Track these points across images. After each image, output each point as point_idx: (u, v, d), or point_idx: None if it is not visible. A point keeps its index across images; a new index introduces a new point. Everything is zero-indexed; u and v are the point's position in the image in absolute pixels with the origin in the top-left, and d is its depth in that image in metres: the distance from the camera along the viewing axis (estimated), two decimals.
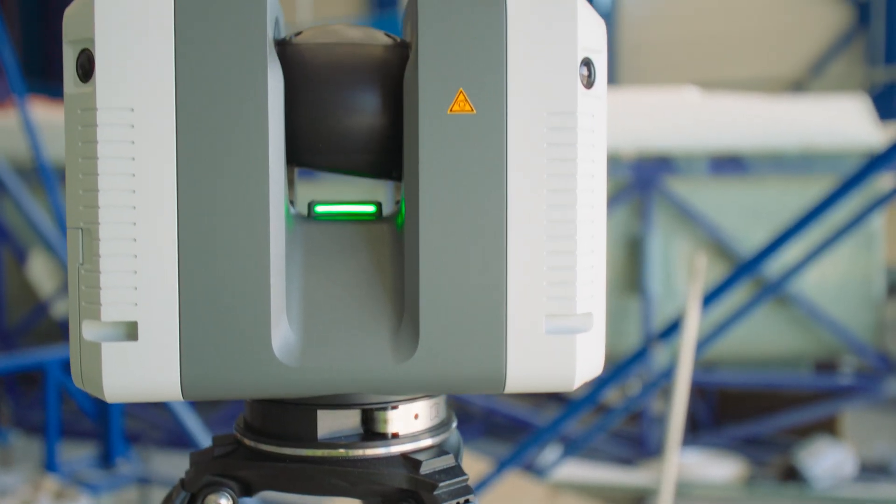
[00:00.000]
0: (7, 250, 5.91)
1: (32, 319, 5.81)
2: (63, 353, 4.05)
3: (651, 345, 2.68)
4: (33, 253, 5.76)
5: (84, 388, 0.52)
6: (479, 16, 0.52)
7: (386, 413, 0.56)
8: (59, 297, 5.63)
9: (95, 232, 0.50)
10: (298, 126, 0.55)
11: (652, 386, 3.27)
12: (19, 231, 5.80)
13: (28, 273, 5.80)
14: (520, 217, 0.53)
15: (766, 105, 5.02)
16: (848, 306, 4.55)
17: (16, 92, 4.04)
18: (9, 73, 4.01)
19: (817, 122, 4.66)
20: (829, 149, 4.50)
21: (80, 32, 0.51)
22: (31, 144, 4.03)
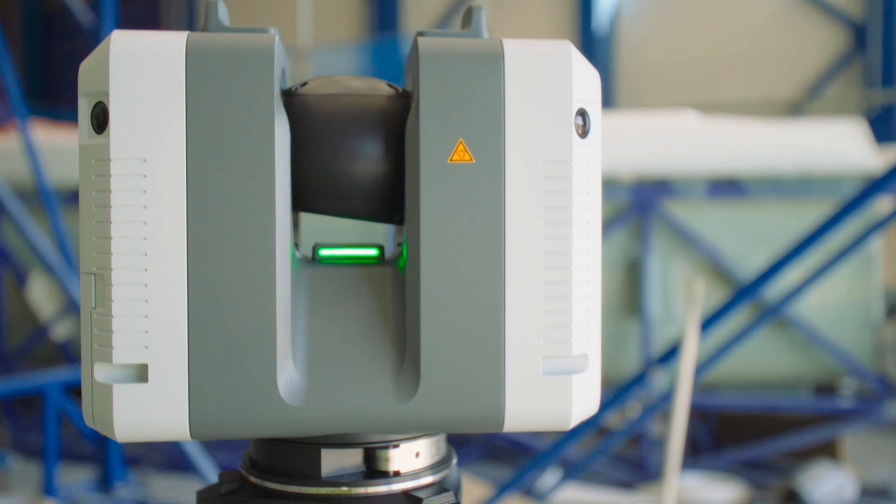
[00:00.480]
0: (7, 272, 5.91)
1: (32, 342, 5.80)
2: (62, 376, 4.05)
3: (650, 370, 2.69)
4: (33, 275, 5.76)
5: (95, 428, 0.54)
6: (478, 69, 0.54)
7: (388, 452, 0.58)
8: (58, 320, 5.63)
9: (108, 277, 0.52)
10: (304, 173, 0.57)
11: (652, 409, 3.28)
12: (19, 253, 5.80)
13: (28, 295, 5.80)
14: (517, 262, 0.54)
15: (764, 129, 5.05)
16: (847, 329, 4.55)
17: (18, 115, 4.06)
18: (11, 96, 4.04)
19: (814, 145, 4.69)
20: (827, 172, 4.53)
21: (95, 86, 0.53)
22: (33, 167, 4.05)
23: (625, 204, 4.65)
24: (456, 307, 0.54)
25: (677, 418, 2.47)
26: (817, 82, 10.63)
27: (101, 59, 0.53)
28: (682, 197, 4.65)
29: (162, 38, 0.53)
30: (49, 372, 4.40)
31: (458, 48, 0.54)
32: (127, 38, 0.52)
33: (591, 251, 0.57)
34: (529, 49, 0.55)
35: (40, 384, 4.02)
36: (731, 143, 4.84)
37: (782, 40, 10.87)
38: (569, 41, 0.55)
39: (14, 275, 5.85)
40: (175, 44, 0.52)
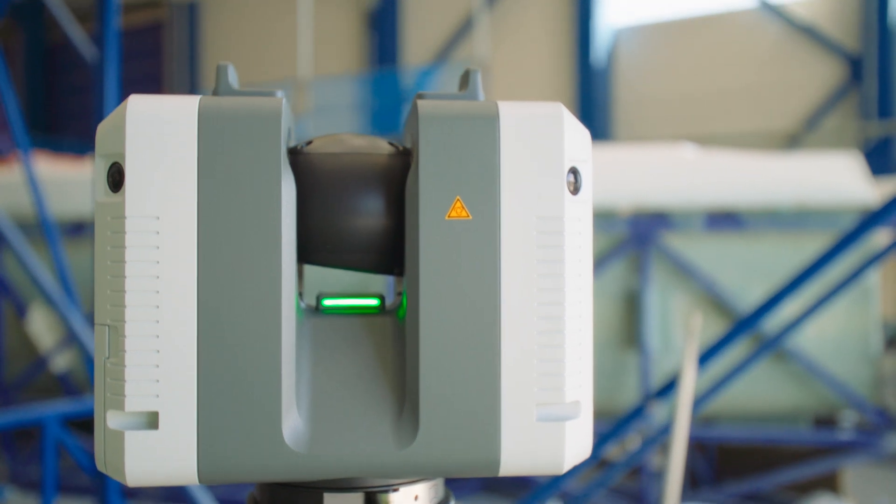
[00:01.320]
0: (7, 304, 5.92)
1: (31, 373, 5.80)
2: (61, 408, 4.05)
3: (648, 403, 2.70)
4: (33, 307, 5.77)
5: (107, 473, 0.56)
6: (474, 130, 0.57)
7: (388, 496, 0.60)
8: (57, 351, 5.63)
9: (121, 329, 0.54)
10: (309, 227, 0.60)
11: (651, 442, 3.28)
12: (19, 285, 5.81)
13: (27, 327, 5.80)
14: (512, 314, 0.57)
15: (761, 162, 5.09)
16: (846, 361, 4.56)
17: (20, 147, 4.09)
18: (13, 128, 4.07)
19: (811, 178, 4.72)
20: (824, 205, 4.56)
21: (111, 147, 0.55)
22: (35, 199, 4.07)
23: (623, 236, 4.68)
24: (453, 356, 0.57)
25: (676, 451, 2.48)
26: (814, 115, 10.71)
27: (117, 122, 0.55)
28: (680, 229, 4.68)
29: (176, 102, 0.55)
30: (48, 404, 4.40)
31: (455, 110, 0.57)
32: (142, 102, 0.55)
33: (583, 301, 0.59)
34: (523, 111, 0.57)
35: (39, 416, 4.02)
36: (728, 175, 4.87)
37: (779, 73, 10.96)
38: (561, 103, 0.58)
39: (14, 306, 5.86)
40: (188, 108, 0.55)
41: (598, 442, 2.83)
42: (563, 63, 12.06)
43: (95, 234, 0.55)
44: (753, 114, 11.03)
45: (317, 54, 12.04)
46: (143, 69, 15.47)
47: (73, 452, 4.08)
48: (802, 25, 10.74)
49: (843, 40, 10.59)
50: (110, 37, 3.88)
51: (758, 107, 11.03)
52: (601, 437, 2.82)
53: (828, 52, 10.70)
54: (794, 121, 10.88)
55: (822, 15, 10.74)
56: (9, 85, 4.02)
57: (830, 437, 4.63)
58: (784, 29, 10.93)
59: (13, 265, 5.81)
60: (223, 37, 15.07)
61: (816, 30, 10.67)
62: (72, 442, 4.07)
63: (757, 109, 11.03)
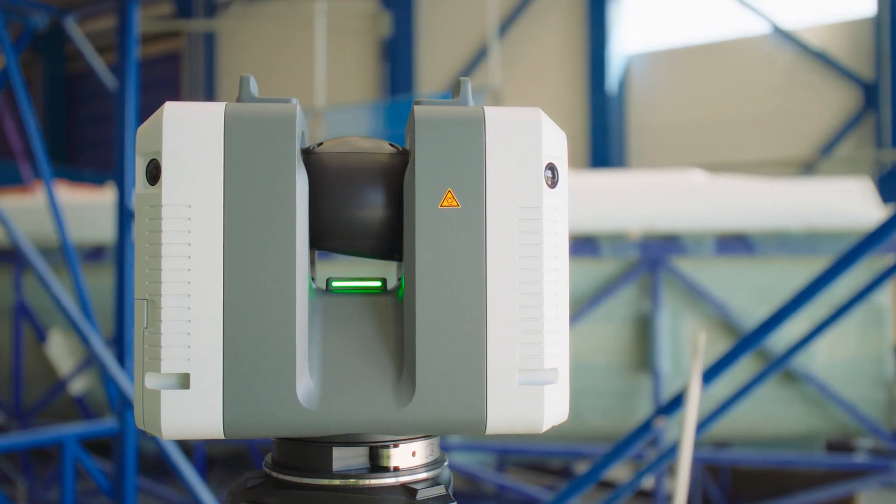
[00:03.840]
0: (27, 329, 6.03)
1: (49, 397, 5.88)
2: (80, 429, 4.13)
3: (655, 419, 2.75)
4: (52, 332, 5.87)
5: (145, 429, 0.65)
6: (463, 131, 0.66)
7: (389, 450, 0.69)
8: (75, 375, 5.72)
9: (158, 302, 0.63)
10: (320, 218, 0.68)
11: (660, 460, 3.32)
12: (39, 310, 5.92)
13: (47, 351, 5.90)
14: (497, 291, 0.66)
15: (771, 186, 5.14)
16: (859, 385, 4.57)
17: (43, 176, 4.22)
18: (36, 158, 4.19)
19: (821, 203, 4.76)
20: (834, 230, 4.59)
21: (150, 146, 0.65)
22: (57, 226, 4.18)
23: (634, 260, 4.73)
24: (446, 329, 0.65)
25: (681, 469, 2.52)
26: (828, 143, 10.71)
27: (155, 124, 0.65)
28: (690, 253, 4.73)
29: (205, 107, 0.65)
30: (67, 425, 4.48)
31: (447, 114, 0.66)
32: (177, 108, 0.64)
33: (560, 281, 0.68)
34: (506, 115, 0.67)
35: (59, 437, 4.10)
36: (739, 200, 4.92)
37: (793, 100, 10.97)
38: (539, 108, 0.66)
39: (34, 331, 5.96)
40: (216, 112, 0.64)
41: (603, 461, 2.88)
42: (576, 90, 12.16)
43: (135, 221, 0.64)
44: (767, 141, 11.03)
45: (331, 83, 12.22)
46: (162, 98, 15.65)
47: (92, 473, 4.15)
48: (816, 52, 10.76)
49: (856, 67, 10.60)
50: (130, 67, 4.00)
51: (771, 134, 11.03)
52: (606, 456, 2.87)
53: (841, 78, 10.70)
54: (807, 148, 10.87)
55: (835, 42, 10.76)
56: (32, 116, 4.16)
57: (845, 461, 4.63)
58: (797, 55, 10.95)
59: (32, 291, 5.92)
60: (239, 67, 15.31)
61: (830, 56, 10.69)
62: (90, 463, 4.15)
63: (770, 137, 11.03)
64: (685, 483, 2.60)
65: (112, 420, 4.04)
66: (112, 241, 5.48)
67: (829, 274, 2.50)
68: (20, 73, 4.13)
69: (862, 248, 2.49)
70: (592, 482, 2.92)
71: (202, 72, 15.60)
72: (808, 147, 10.87)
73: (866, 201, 4.77)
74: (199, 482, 3.43)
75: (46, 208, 5.52)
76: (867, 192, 4.85)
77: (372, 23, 13.84)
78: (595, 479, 2.88)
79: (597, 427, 4.82)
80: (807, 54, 10.88)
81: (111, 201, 5.78)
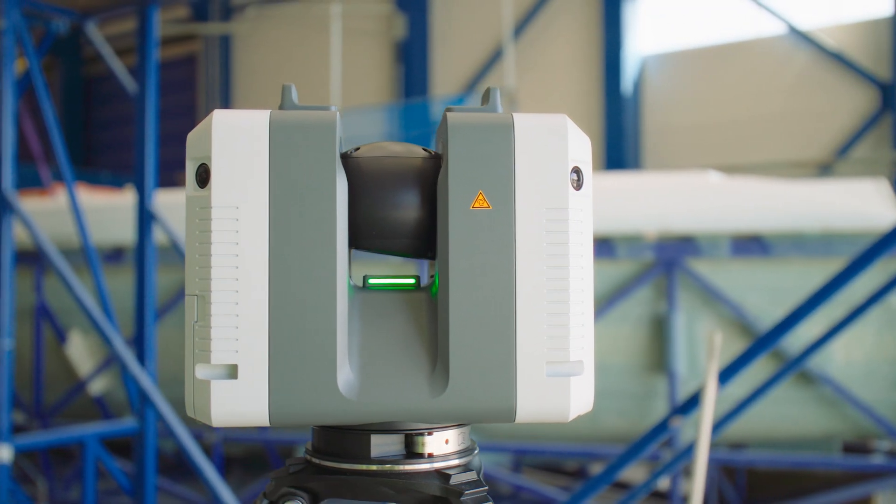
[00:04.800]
0: (48, 329, 6.09)
1: (69, 398, 5.94)
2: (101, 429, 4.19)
3: (671, 419, 2.77)
4: (72, 333, 5.93)
5: (195, 417, 0.69)
6: (494, 136, 0.70)
7: (423, 438, 0.73)
8: (95, 376, 5.78)
9: (208, 297, 0.67)
10: (357, 218, 0.72)
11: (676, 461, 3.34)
12: (59, 311, 5.99)
13: (67, 352, 5.96)
14: (525, 287, 0.69)
15: (787, 188, 5.14)
16: (876, 387, 4.56)
17: (65, 179, 4.27)
18: (59, 161, 4.25)
19: (837, 204, 4.76)
20: (850, 231, 4.59)
21: (199, 151, 0.69)
22: (79, 229, 4.24)
23: (650, 261, 4.74)
24: (477, 323, 0.69)
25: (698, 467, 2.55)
26: (844, 143, 10.67)
27: (205, 131, 0.69)
28: (706, 255, 4.74)
29: (251, 115, 0.69)
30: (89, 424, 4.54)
31: (478, 120, 0.70)
32: (225, 116, 0.68)
33: (585, 278, 0.71)
34: (533, 121, 0.71)
35: (80, 436, 4.16)
36: (754, 201, 4.93)
37: (809, 101, 10.93)
38: (565, 115, 0.70)
39: (54, 332, 6.03)
40: (261, 120, 0.69)
41: (619, 461, 2.90)
42: (591, 91, 12.16)
43: (186, 222, 0.68)
44: (782, 142, 11.00)
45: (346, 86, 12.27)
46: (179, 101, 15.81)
47: (112, 472, 4.21)
48: (832, 52, 10.72)
49: (873, 68, 10.55)
50: (150, 70, 4.06)
51: (787, 135, 11.00)
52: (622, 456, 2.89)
53: (858, 79, 10.65)
54: (823, 150, 10.83)
55: (852, 42, 10.71)
56: (55, 120, 4.22)
57: (862, 463, 4.63)
58: (814, 56, 10.91)
59: (53, 292, 5.99)
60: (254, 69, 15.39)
61: (846, 57, 10.65)
62: (110, 462, 4.21)
63: (786, 138, 11.00)
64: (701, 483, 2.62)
65: (132, 419, 4.09)
66: (131, 243, 5.55)
67: (845, 275, 2.52)
68: (44, 78, 4.19)
69: (878, 249, 2.51)
70: (608, 483, 2.94)
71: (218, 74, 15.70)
72: (825, 148, 10.83)
73: (883, 202, 4.77)
74: (220, 481, 3.48)
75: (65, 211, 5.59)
76: (884, 193, 4.84)
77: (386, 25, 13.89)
78: (611, 479, 2.90)
79: (612, 428, 4.84)
80: (823, 55, 10.84)
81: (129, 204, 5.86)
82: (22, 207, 3.76)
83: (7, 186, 3.72)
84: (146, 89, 4.05)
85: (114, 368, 5.76)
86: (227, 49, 15.67)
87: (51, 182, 7.43)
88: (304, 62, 14.41)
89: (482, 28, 12.87)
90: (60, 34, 4.31)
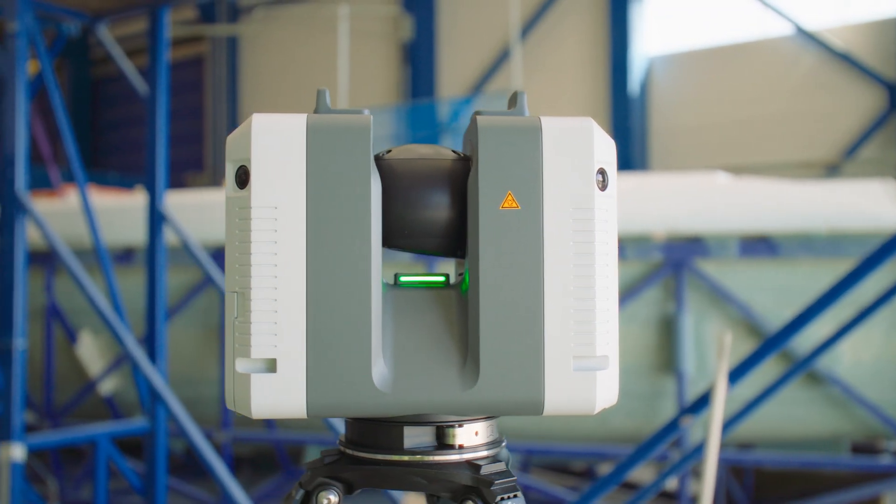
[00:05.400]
0: (58, 330, 6.12)
1: (79, 398, 5.97)
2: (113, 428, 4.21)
3: (681, 418, 2.79)
4: (83, 333, 5.96)
5: (235, 409, 0.71)
6: (522, 139, 0.72)
7: (454, 430, 0.76)
8: (105, 376, 5.81)
9: (248, 294, 0.70)
10: (390, 218, 0.75)
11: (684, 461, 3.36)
12: (70, 312, 6.02)
13: (77, 352, 5.99)
14: (553, 285, 0.72)
15: (795, 188, 5.15)
16: (884, 387, 4.57)
17: (77, 181, 4.30)
18: (71, 163, 4.28)
19: (845, 204, 4.77)
20: (858, 231, 4.59)
21: (239, 154, 0.71)
22: (91, 229, 4.27)
23: (658, 262, 4.76)
24: (507, 319, 0.72)
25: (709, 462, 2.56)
26: (852, 144, 10.65)
27: (244, 134, 0.71)
28: (714, 255, 4.75)
29: (288, 119, 0.71)
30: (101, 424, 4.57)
31: (507, 124, 0.73)
32: (264, 119, 0.71)
33: (610, 276, 0.74)
34: (560, 124, 0.73)
35: (92, 435, 4.18)
36: (762, 202, 4.94)
37: (816, 102, 10.91)
38: (591, 118, 0.72)
39: (65, 332, 6.06)
40: (298, 123, 0.71)
41: (628, 460, 2.91)
42: (598, 92, 12.17)
43: (225, 221, 0.71)
44: (790, 143, 10.99)
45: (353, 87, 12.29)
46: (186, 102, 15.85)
47: (124, 471, 4.23)
48: (840, 53, 10.71)
49: (881, 68, 10.53)
50: (161, 71, 4.09)
51: (794, 136, 10.99)
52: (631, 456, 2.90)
53: (866, 80, 10.64)
54: (831, 150, 10.82)
55: (859, 42, 10.70)
56: (67, 122, 4.25)
57: (870, 463, 4.63)
58: (821, 56, 10.89)
59: (63, 293, 6.02)
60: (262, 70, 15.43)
61: (854, 57, 10.64)
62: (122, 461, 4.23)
63: (794, 139, 10.99)
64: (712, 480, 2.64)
65: (143, 419, 4.12)
66: (140, 244, 5.59)
67: (853, 275, 2.53)
68: (55, 80, 4.22)
69: (887, 250, 2.52)
70: (617, 482, 2.96)
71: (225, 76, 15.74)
72: (832, 149, 10.82)
73: (891, 203, 4.78)
74: (231, 479, 3.50)
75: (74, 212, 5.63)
76: (892, 193, 4.85)
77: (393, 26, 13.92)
78: (620, 478, 2.92)
79: (621, 428, 4.85)
80: (830, 55, 10.83)
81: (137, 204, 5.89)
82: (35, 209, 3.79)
83: (20, 188, 3.74)
84: (157, 91, 4.08)
85: (123, 369, 5.79)
86: (234, 50, 15.71)
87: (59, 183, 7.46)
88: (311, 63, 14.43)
89: (489, 29, 12.88)
90: (71, 36, 4.34)
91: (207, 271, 4.06)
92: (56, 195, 7.27)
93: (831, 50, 10.80)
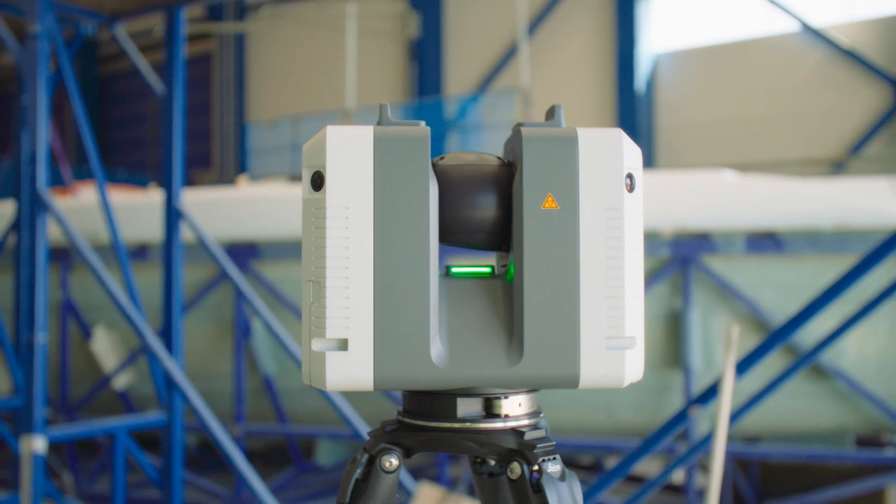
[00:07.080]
0: (73, 325, 6.21)
1: (94, 392, 6.05)
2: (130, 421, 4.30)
3: (689, 410, 2.88)
4: (97, 328, 6.05)
5: (311, 384, 0.82)
6: (560, 147, 0.83)
7: (500, 401, 0.86)
8: (120, 371, 5.89)
9: (323, 282, 0.81)
10: (445, 217, 0.85)
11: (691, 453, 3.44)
12: (84, 307, 6.11)
13: (92, 347, 6.07)
14: (588, 274, 0.83)
15: (801, 185, 5.20)
16: (888, 381, 4.61)
17: (96, 178, 4.40)
18: (90, 162, 4.38)
19: (851, 202, 4.82)
20: (863, 228, 4.64)
21: (315, 161, 0.82)
22: (109, 225, 4.36)
23: (665, 258, 4.82)
24: (547, 304, 0.82)
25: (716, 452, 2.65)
26: (858, 141, 10.70)
27: (319, 143, 0.82)
28: (721, 252, 4.81)
29: (358, 130, 0.82)
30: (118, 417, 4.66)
31: (547, 134, 0.83)
32: (336, 130, 0.82)
33: (637, 266, 0.84)
34: (594, 134, 0.84)
35: (110, 428, 4.26)
36: (768, 199, 4.99)
37: (822, 99, 10.95)
38: (620, 129, 0.82)
39: (79, 328, 6.14)
40: (366, 134, 0.82)
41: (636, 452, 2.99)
42: (605, 89, 12.24)
43: (302, 220, 0.82)
44: (796, 140, 11.04)
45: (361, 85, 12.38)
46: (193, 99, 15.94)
47: (141, 463, 4.32)
48: (846, 50, 10.76)
49: (887, 65, 10.58)
50: (177, 69, 4.16)
51: (801, 133, 11.03)
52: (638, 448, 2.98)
53: (872, 77, 10.68)
54: (837, 147, 10.87)
55: (865, 39, 10.74)
56: (87, 121, 4.34)
57: (875, 456, 4.68)
58: (827, 53, 10.94)
59: (79, 288, 6.12)
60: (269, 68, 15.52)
61: (860, 54, 10.68)
62: (139, 454, 4.32)
63: (800, 135, 11.03)
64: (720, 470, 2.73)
65: (159, 412, 4.20)
66: (153, 240, 5.69)
67: (858, 270, 2.61)
68: (75, 79, 4.31)
69: (891, 245, 2.59)
70: (624, 474, 3.04)
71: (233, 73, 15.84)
72: (838, 146, 10.87)
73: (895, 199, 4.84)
74: (250, 470, 3.59)
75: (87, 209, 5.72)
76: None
77: (400, 24, 14.00)
78: (627, 469, 3.00)
79: (628, 421, 4.93)
80: (836, 52, 10.87)
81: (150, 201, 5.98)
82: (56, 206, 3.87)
83: (41, 185, 3.83)
84: (174, 89, 4.15)
85: (137, 364, 5.88)
86: (241, 48, 15.81)
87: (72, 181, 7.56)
88: (319, 61, 14.53)
89: (496, 27, 12.96)
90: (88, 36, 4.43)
91: (223, 267, 4.14)
92: (68, 192, 7.35)
93: (837, 47, 10.85)
